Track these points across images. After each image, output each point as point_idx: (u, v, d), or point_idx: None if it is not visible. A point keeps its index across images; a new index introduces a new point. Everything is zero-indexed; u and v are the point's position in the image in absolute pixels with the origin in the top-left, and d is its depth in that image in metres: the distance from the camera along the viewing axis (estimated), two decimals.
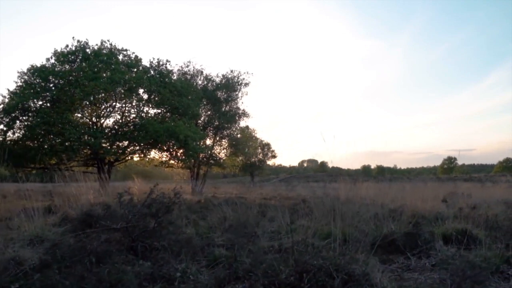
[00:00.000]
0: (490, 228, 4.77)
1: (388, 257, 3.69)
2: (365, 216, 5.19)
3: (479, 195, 14.11)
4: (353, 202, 9.83)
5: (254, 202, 11.27)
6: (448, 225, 4.55)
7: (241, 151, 26.82)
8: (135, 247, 3.07)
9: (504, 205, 9.06)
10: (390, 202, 9.34)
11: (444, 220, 5.15)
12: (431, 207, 7.48)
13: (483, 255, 3.37)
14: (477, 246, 3.79)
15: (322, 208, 5.56)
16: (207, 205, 8.02)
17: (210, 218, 5.69)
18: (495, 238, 4.32)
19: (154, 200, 3.40)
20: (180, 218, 5.33)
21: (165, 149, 19.70)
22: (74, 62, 18.23)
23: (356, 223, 5.04)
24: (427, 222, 5.45)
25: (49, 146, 16.26)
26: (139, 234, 3.14)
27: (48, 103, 17.44)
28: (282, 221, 5.15)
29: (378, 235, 4.09)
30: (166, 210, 3.35)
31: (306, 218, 5.31)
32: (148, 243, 3.12)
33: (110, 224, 3.19)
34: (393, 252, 3.82)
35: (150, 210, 3.28)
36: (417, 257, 3.71)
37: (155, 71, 19.75)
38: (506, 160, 72.21)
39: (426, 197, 9.22)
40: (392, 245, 3.91)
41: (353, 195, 12.97)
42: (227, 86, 24.60)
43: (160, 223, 3.26)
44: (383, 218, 5.00)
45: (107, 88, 16.67)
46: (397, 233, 4.10)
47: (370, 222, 4.91)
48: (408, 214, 6.92)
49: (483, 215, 6.21)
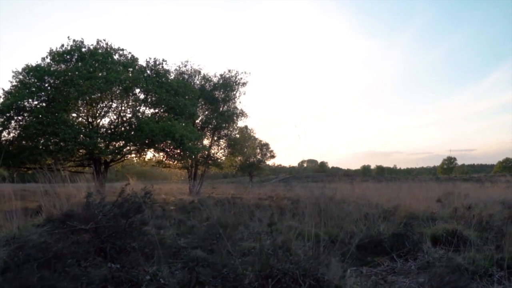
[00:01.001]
0: (482, 229, 4.63)
1: (374, 259, 3.55)
2: (356, 216, 5.05)
3: (477, 195, 13.98)
4: (348, 202, 9.71)
5: (248, 202, 11.14)
6: (438, 226, 4.41)
7: (238, 151, 26.67)
8: (104, 248, 2.94)
9: (501, 205, 8.92)
10: (385, 202, 9.22)
11: (434, 221, 5.01)
12: (425, 207, 7.34)
13: (472, 258, 3.24)
14: (467, 248, 3.65)
15: (313, 208, 5.42)
16: (201, 205, 7.88)
17: (192, 219, 5.56)
18: (487, 239, 4.19)
19: (126, 200, 3.27)
20: (165, 218, 5.21)
21: (161, 149, 19.59)
22: (69, 61, 18.12)
23: (346, 224, 4.92)
24: (419, 222, 5.30)
25: (43, 146, 16.14)
26: (109, 235, 3.01)
27: (43, 102, 17.33)
28: (278, 223, 5.03)
29: (364, 237, 3.96)
30: (137, 210, 3.21)
31: (295, 219, 5.18)
32: (118, 244, 2.99)
33: (78, 224, 3.06)
34: (379, 254, 3.69)
35: (121, 210, 3.14)
36: (404, 259, 3.57)
37: (151, 71, 19.64)
38: (505, 160, 72.06)
39: (422, 197, 9.10)
40: (379, 246, 3.77)
41: (349, 195, 12.88)
42: (224, 86, 24.49)
43: (131, 224, 3.13)
44: (373, 219, 4.86)
45: (102, 88, 16.56)
46: (384, 235, 3.96)
47: (360, 223, 4.77)
48: (401, 214, 6.80)
49: (477, 215, 6.08)
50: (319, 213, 4.97)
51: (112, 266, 2.54)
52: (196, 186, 24.33)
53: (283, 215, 6.08)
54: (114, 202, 3.22)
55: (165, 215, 5.88)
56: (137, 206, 3.18)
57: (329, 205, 5.47)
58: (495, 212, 7.69)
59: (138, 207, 3.18)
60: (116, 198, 3.25)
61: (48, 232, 3.49)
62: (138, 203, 3.19)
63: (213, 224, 4.51)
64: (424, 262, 3.35)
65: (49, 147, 16.40)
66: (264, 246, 3.08)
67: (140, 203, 3.19)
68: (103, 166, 19.55)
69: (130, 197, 3.30)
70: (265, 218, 5.25)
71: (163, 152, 19.98)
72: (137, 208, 3.17)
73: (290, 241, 3.38)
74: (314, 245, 3.15)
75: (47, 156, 16.20)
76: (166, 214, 6.07)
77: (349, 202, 9.36)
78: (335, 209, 5.61)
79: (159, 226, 4.65)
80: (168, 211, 8.18)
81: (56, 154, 16.64)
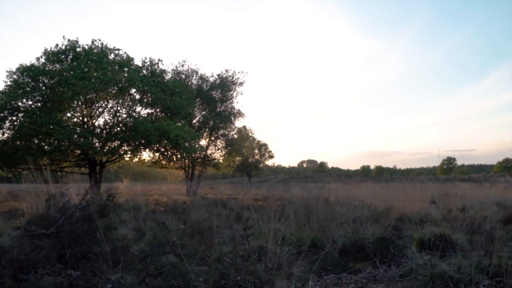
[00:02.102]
0: (472, 232, 4.48)
1: (356, 266, 3.39)
2: (344, 219, 4.89)
3: (474, 196, 13.82)
4: (341, 203, 9.56)
5: (242, 203, 10.99)
6: (426, 230, 4.24)
7: (236, 151, 26.52)
8: (64, 255, 2.79)
9: (497, 206, 8.76)
10: (380, 203, 9.06)
11: (424, 223, 4.84)
12: (419, 209, 7.18)
13: (458, 264, 3.08)
14: (456, 253, 3.48)
15: (303, 210, 5.27)
16: (187, 207, 7.72)
17: (178, 221, 5.40)
18: (476, 243, 4.03)
19: (90, 203, 3.11)
20: (146, 220, 5.06)
21: (157, 149, 19.44)
22: (64, 61, 17.98)
23: (334, 227, 4.77)
24: (408, 225, 5.12)
25: (37, 147, 16.00)
26: (70, 240, 2.85)
27: (38, 103, 17.20)
28: (257, 225, 4.87)
29: (347, 241, 3.81)
30: (101, 214, 3.06)
31: (281, 221, 5.00)
32: (79, 250, 2.83)
33: (37, 229, 2.90)
34: (363, 260, 3.53)
35: (84, 213, 2.99)
36: (388, 265, 3.41)
37: (147, 71, 19.48)
38: (505, 161, 71.82)
39: (417, 198, 8.94)
40: (362, 251, 3.62)
41: (344, 196, 12.73)
42: (221, 86, 24.35)
43: (94, 228, 2.98)
44: (360, 221, 4.70)
45: (97, 88, 16.41)
46: (368, 239, 3.81)
47: (347, 226, 4.61)
48: (393, 216, 6.65)
49: (470, 217, 5.92)
50: (307, 216, 4.82)
51: (72, 274, 2.40)
52: (193, 187, 24.19)
53: (272, 217, 5.91)
54: (77, 205, 3.07)
55: (148, 217, 5.73)
56: (101, 210, 3.02)
57: (317, 207, 5.31)
58: (490, 213, 7.54)
59: (102, 211, 3.03)
60: (79, 201, 3.10)
61: (19, 236, 3.34)
62: (102, 206, 3.04)
63: (193, 226, 4.36)
64: (407, 269, 3.19)
65: (43, 147, 16.27)
66: (239, 251, 2.93)
67: (103, 207, 3.04)
68: (98, 167, 19.42)
69: (94, 200, 3.14)
70: (252, 221, 5.09)
71: (158, 152, 19.82)
72: (101, 212, 3.02)
73: (264, 246, 3.23)
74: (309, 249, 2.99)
75: (40, 156, 16.06)
76: (150, 216, 5.92)
77: (343, 203, 9.22)
78: (325, 211, 5.44)
79: (138, 229, 4.51)
80: (158, 212, 8.05)
81: (50, 155, 16.51)
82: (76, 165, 20.64)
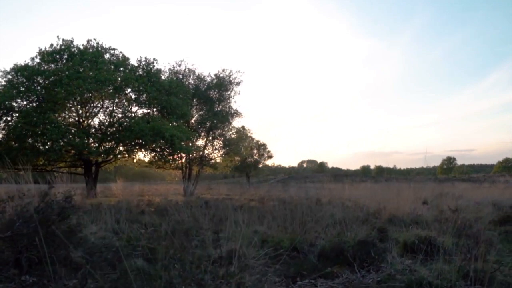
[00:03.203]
0: (459, 235, 4.33)
1: (333, 271, 3.24)
2: (331, 220, 4.76)
3: (472, 196, 13.66)
4: (334, 204, 9.42)
5: (235, 203, 10.86)
6: (411, 232, 4.09)
7: (233, 151, 26.35)
8: (20, 259, 2.66)
9: (492, 207, 8.61)
10: (373, 203, 8.92)
11: (414, 225, 4.70)
12: (411, 210, 7.04)
13: (440, 269, 2.94)
14: (440, 256, 3.31)
15: (289, 212, 5.13)
16: (171, 208, 7.57)
17: (164, 223, 5.24)
18: (463, 246, 3.88)
19: (49, 205, 2.97)
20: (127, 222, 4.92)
21: (152, 149, 19.31)
22: (59, 61, 17.88)
23: (319, 228, 4.63)
24: (399, 226, 4.98)
25: (30, 147, 15.87)
26: (28, 244, 2.72)
27: (33, 103, 17.10)
28: (242, 226, 4.74)
29: (327, 244, 3.67)
30: (59, 216, 2.92)
31: (265, 222, 4.87)
32: (37, 255, 2.70)
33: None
34: (342, 264, 3.38)
35: (43, 216, 2.85)
36: (367, 270, 3.26)
37: (143, 70, 19.38)
38: (505, 160, 71.61)
39: (412, 199, 8.80)
40: (341, 255, 3.47)
41: (340, 196, 12.59)
42: (219, 86, 24.21)
43: (52, 232, 2.84)
44: (345, 223, 4.56)
45: (92, 88, 16.29)
46: (348, 242, 3.66)
47: (332, 228, 4.47)
48: (385, 217, 6.51)
49: (462, 218, 5.79)
50: (291, 217, 4.68)
51: (27, 279, 2.28)
52: (190, 187, 24.04)
53: (259, 218, 5.78)
54: (36, 207, 2.94)
55: (129, 219, 5.59)
56: (60, 212, 2.88)
57: (302, 208, 5.17)
58: (484, 214, 7.40)
59: (60, 213, 2.89)
60: (38, 203, 2.97)
61: None
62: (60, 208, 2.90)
63: (175, 229, 4.22)
64: (385, 274, 3.05)
65: (37, 147, 16.16)
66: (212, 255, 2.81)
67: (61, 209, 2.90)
68: (94, 167, 19.31)
69: (54, 202, 3.01)
70: (238, 222, 4.95)
71: (154, 152, 19.69)
72: (59, 214, 2.88)
73: (239, 249, 3.09)
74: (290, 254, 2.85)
75: (34, 156, 15.94)
76: (132, 218, 5.78)
77: (336, 204, 9.08)
78: (311, 212, 5.31)
79: (116, 231, 4.38)
80: (147, 214, 7.91)
81: (44, 155, 16.41)
82: (72, 166, 20.54)
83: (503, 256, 3.92)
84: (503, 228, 5.80)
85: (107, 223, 4.90)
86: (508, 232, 5.43)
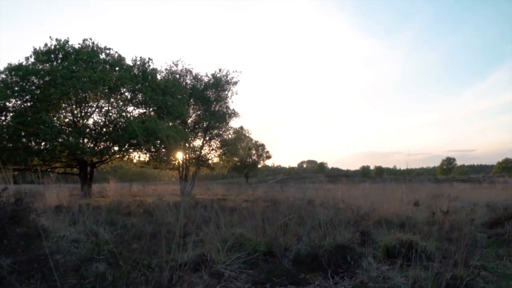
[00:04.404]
0: (447, 239, 4.18)
1: (306, 277, 3.09)
2: (314, 223, 4.61)
3: (468, 197, 13.50)
4: (325, 205, 9.29)
5: (227, 204, 10.72)
6: (393, 236, 3.93)
7: (230, 152, 26.21)
8: None
9: (487, 208, 8.46)
10: (368, 204, 8.78)
11: (403, 227, 4.55)
12: (403, 211, 6.90)
13: (416, 276, 2.80)
14: (418, 262, 3.16)
15: (271, 213, 4.98)
16: (154, 209, 7.43)
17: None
18: (446, 251, 3.74)
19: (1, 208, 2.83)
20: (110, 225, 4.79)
21: (148, 149, 19.19)
22: (54, 61, 17.77)
23: (303, 232, 4.50)
24: (386, 229, 4.83)
25: (23, 147, 15.75)
26: None
27: (27, 102, 17.00)
28: (223, 228, 4.61)
29: (302, 249, 3.54)
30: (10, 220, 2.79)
31: (246, 224, 4.72)
32: None
33: None
34: (315, 270, 3.23)
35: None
36: (341, 276, 3.11)
37: (138, 70, 19.25)
38: (505, 161, 71.30)
39: (405, 200, 8.65)
40: (315, 261, 3.33)
41: (334, 197, 12.44)
42: (216, 85, 24.09)
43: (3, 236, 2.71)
44: (331, 226, 4.42)
45: (86, 87, 16.17)
46: (323, 247, 3.51)
47: (316, 231, 4.33)
48: (374, 219, 6.37)
49: (452, 220, 5.65)
50: (274, 219, 4.53)
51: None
52: (187, 187, 23.91)
53: (247, 220, 5.64)
54: None
55: (112, 221, 5.47)
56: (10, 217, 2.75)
57: (286, 209, 5.04)
58: (477, 216, 7.25)
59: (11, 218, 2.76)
60: None
61: None
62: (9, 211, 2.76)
63: (144, 233, 4.08)
64: (358, 282, 2.91)
65: (30, 147, 16.05)
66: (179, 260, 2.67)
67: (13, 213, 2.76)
68: (89, 167, 19.19)
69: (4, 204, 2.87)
70: (225, 224, 4.81)
71: (149, 152, 19.56)
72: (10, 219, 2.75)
73: (207, 254, 2.96)
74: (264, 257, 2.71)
75: (27, 156, 15.81)
76: (115, 220, 5.66)
77: (327, 205, 8.95)
78: (294, 214, 5.18)
79: (95, 233, 4.24)
80: (133, 215, 7.79)
81: (37, 155, 16.30)
82: (67, 166, 20.43)
83: (489, 261, 3.77)
84: (494, 231, 5.65)
85: (86, 225, 4.77)
86: (499, 235, 5.27)
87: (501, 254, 4.02)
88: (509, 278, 3.17)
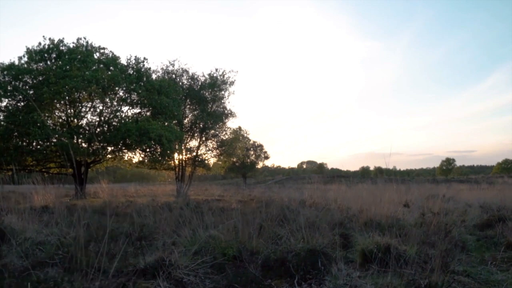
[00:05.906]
0: (425, 242, 3.99)
1: (271, 284, 2.90)
2: (296, 225, 4.44)
3: (464, 198, 13.30)
4: (316, 206, 9.11)
5: (218, 205, 10.55)
6: (370, 240, 3.73)
7: (227, 152, 26.03)
8: None
9: (480, 209, 8.27)
10: (357, 205, 8.59)
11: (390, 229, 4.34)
12: (392, 213, 6.71)
13: (388, 283, 2.61)
14: (391, 268, 2.96)
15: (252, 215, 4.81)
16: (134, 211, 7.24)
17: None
18: (426, 255, 3.54)
19: None
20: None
21: (142, 149, 19.01)
22: (47, 60, 17.62)
23: (284, 233, 4.32)
24: (377, 230, 4.63)
25: (14, 147, 15.58)
26: None
27: (20, 102, 16.84)
28: (200, 231, 4.43)
29: (271, 253, 3.36)
30: None
31: (226, 226, 4.54)
32: None
33: None
34: (283, 276, 3.03)
35: None
36: (308, 283, 2.92)
37: (132, 69, 19.09)
38: (504, 161, 70.99)
39: (396, 201, 8.47)
40: (283, 266, 3.15)
41: (326, 198, 12.25)
42: (212, 85, 23.92)
43: None
44: (316, 228, 4.24)
45: (79, 87, 16.00)
46: (291, 252, 3.34)
47: (297, 233, 4.15)
48: (362, 220, 6.19)
49: (441, 222, 5.47)
50: (250, 220, 4.36)
51: None
52: (183, 188, 23.73)
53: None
54: None
55: (89, 222, 5.29)
56: None
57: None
58: (469, 217, 7.07)
59: None
60: None
61: None
62: None
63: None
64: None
65: (22, 147, 15.89)
66: None
67: None
68: (84, 168, 19.02)
69: None
70: (211, 225, 4.63)
71: (144, 152, 19.37)
72: None
73: (169, 257, 2.79)
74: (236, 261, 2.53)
75: (19, 156, 15.65)
76: (92, 220, 5.48)
77: (318, 206, 8.77)
78: (279, 215, 5.01)
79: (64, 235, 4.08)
80: (122, 215, 7.62)
81: (29, 155, 16.14)
82: (62, 166, 20.26)
83: (473, 265, 3.58)
84: (484, 233, 5.46)
85: (61, 227, 4.60)
86: (489, 237, 5.09)
87: (487, 258, 3.84)
88: (491, 285, 2.98)
